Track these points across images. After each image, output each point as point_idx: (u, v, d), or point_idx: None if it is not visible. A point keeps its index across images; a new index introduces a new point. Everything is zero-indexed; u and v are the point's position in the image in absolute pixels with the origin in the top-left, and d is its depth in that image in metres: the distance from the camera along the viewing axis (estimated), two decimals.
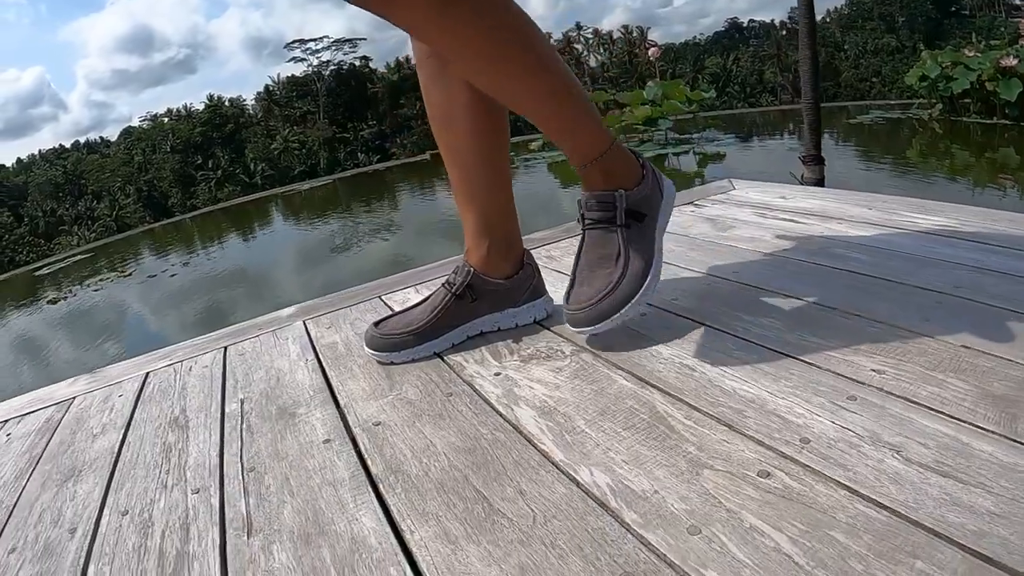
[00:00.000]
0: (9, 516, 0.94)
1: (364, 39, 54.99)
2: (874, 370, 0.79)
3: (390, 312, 1.19)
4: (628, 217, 1.03)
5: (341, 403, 1.01)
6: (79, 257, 17.03)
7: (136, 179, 55.06)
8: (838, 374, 0.79)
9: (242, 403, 1.10)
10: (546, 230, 1.75)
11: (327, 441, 0.91)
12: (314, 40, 55.42)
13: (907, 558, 0.51)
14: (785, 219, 1.51)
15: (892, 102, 12.97)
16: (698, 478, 0.64)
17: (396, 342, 1.12)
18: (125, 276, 10.46)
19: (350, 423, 0.94)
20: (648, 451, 0.70)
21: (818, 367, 0.81)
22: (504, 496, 0.67)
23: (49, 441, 1.15)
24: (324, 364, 1.18)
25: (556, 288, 1.19)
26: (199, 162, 54.50)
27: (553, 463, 0.71)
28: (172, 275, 9.21)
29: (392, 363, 1.11)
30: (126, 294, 8.87)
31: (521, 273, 1.17)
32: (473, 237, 1.15)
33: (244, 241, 12.43)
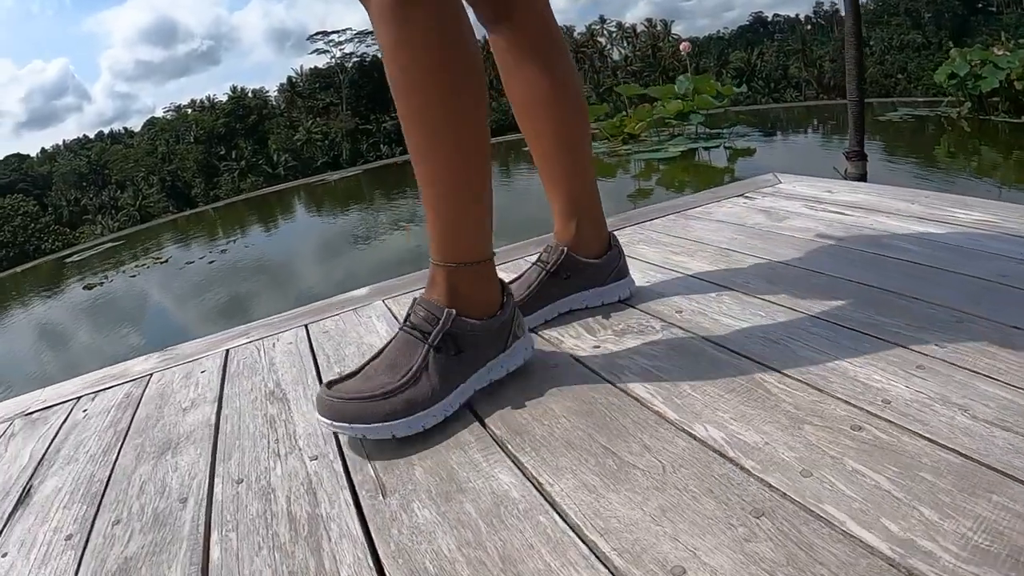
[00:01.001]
0: (105, 489, 0.96)
1: None
2: (936, 345, 0.88)
3: None
4: (445, 339, 0.93)
5: None
6: (108, 245, 17.25)
7: (160, 169, 55.46)
8: (905, 347, 0.89)
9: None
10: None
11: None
12: (337, 32, 55.57)
13: (985, 493, 0.61)
14: (834, 212, 1.60)
15: (919, 99, 12.94)
16: (800, 432, 0.73)
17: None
18: (162, 263, 10.58)
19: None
20: (751, 410, 0.79)
21: (887, 341, 0.91)
22: (631, 451, 0.76)
23: (134, 416, 1.19)
24: None
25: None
26: (222, 153, 54.80)
27: (669, 421, 0.80)
28: (210, 262, 9.31)
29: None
30: (167, 280, 8.94)
31: (609, 253, 1.21)
32: (562, 218, 1.20)
33: (279, 229, 12.50)
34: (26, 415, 1.32)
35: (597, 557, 0.60)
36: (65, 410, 1.30)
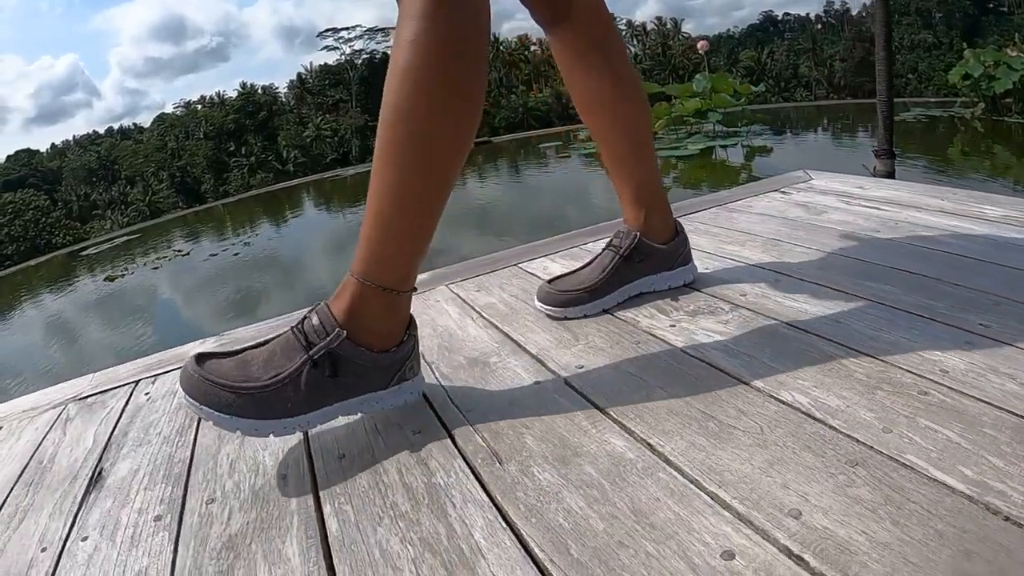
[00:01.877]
0: (189, 469, 0.97)
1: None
2: (980, 324, 0.97)
3: (552, 275, 1.30)
4: (325, 357, 0.90)
5: (532, 352, 1.11)
6: (124, 239, 17.38)
7: (169, 165, 55.63)
8: (953, 326, 0.98)
9: (423, 354, 1.18)
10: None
11: (538, 383, 1.01)
12: (347, 29, 55.61)
13: None
14: (869, 207, 1.68)
15: (931, 100, 12.98)
16: (874, 396, 0.82)
17: (571, 298, 1.22)
18: (184, 255, 10.66)
19: (552, 368, 1.05)
20: (828, 379, 0.88)
21: (937, 321, 1.00)
22: (727, 415, 0.84)
23: None
24: (493, 321, 1.28)
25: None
26: (232, 149, 54.92)
27: (756, 389, 0.89)
28: (235, 254, 9.39)
29: (565, 318, 1.22)
30: (193, 271, 8.99)
31: (676, 239, 1.27)
32: (631, 206, 1.25)
33: (300, 223, 12.54)
34: (80, 399, 1.34)
35: (720, 504, 0.68)
36: (124, 393, 1.32)
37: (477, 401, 0.99)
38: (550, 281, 1.27)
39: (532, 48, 55.24)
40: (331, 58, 55.34)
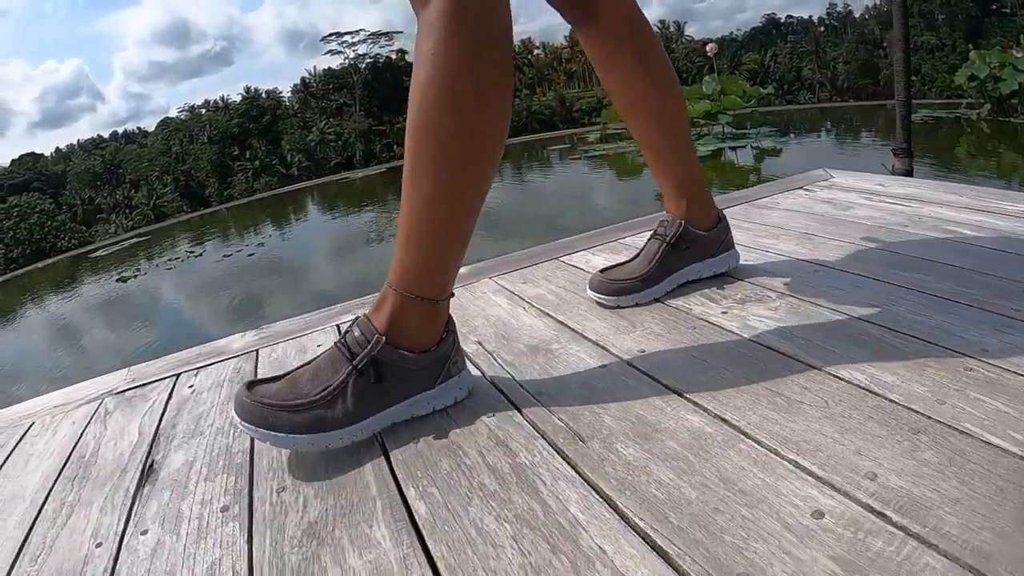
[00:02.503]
0: (251, 459, 0.98)
1: (400, 32, 55.11)
2: (1013, 308, 1.04)
3: (601, 267, 1.34)
4: (369, 365, 0.92)
5: (592, 339, 1.16)
6: (132, 241, 17.48)
7: (173, 169, 55.70)
8: (988, 311, 1.04)
9: (480, 343, 1.22)
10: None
11: (604, 366, 1.05)
12: (350, 33, 55.62)
13: None
14: (892, 202, 1.74)
15: (936, 101, 13.05)
16: (925, 372, 0.89)
17: (624, 287, 1.25)
18: (196, 256, 10.72)
19: (614, 352, 1.09)
20: (879, 357, 0.95)
21: (972, 306, 1.06)
22: (792, 391, 0.90)
23: None
24: (546, 311, 1.32)
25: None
26: (236, 153, 54.98)
27: (815, 368, 0.95)
28: (250, 254, 9.45)
29: (618, 306, 1.26)
30: (209, 271, 9.06)
31: (719, 226, 1.31)
32: (672, 198, 1.29)
33: (311, 224, 12.58)
34: (118, 394, 1.35)
35: (801, 470, 0.74)
36: (165, 387, 1.34)
37: (546, 385, 1.03)
38: (602, 271, 1.31)
39: (535, 52, 55.30)
40: (335, 62, 55.48)
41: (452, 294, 0.98)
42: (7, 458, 1.17)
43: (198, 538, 0.82)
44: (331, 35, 54.09)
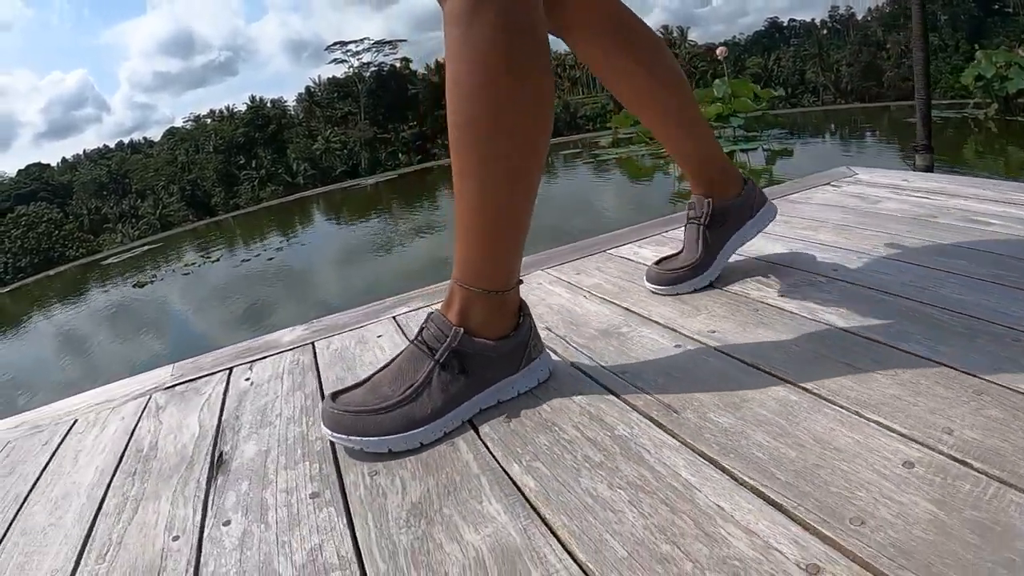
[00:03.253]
0: (333, 447, 0.99)
1: (404, 40, 55.35)
2: None
3: (662, 255, 1.40)
4: (451, 357, 0.94)
5: (660, 322, 1.22)
6: (144, 248, 17.59)
7: (180, 178, 55.83)
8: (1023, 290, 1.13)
9: (550, 329, 1.27)
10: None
11: (678, 346, 1.11)
12: (354, 42, 55.76)
13: None
14: (919, 196, 1.83)
15: (943, 102, 13.11)
16: (977, 343, 0.98)
17: (680, 275, 1.30)
18: (213, 262, 10.78)
19: (686, 333, 1.15)
20: (934, 331, 1.03)
21: (1012, 287, 1.15)
22: (864, 364, 0.96)
23: (320, 377, 1.28)
24: (607, 299, 1.38)
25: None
26: (242, 162, 55.07)
27: (878, 343, 1.02)
28: (269, 259, 9.52)
29: (677, 294, 1.31)
30: (230, 275, 9.16)
31: (746, 186, 1.34)
32: (696, 178, 1.31)
33: (328, 230, 12.59)
34: (167, 389, 1.37)
35: (886, 428, 0.81)
36: (218, 380, 1.36)
37: (627, 364, 1.08)
38: (657, 263, 1.38)
39: None
40: (339, 71, 55.59)
41: (520, 281, 1.00)
42: (53, 455, 1.18)
43: (291, 525, 0.82)
44: (335, 44, 54.27)
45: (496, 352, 0.97)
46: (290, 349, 1.47)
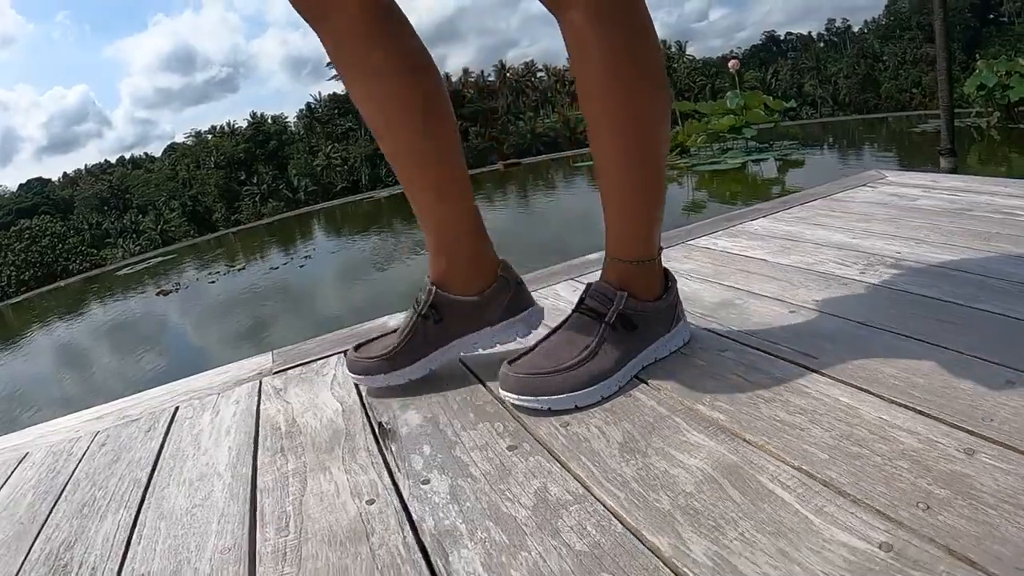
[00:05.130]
0: (504, 406, 1.04)
1: None
2: None
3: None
4: (619, 320, 1.03)
5: (770, 295, 1.32)
6: (157, 260, 17.63)
7: (180, 194, 55.94)
8: None
9: None
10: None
11: (793, 311, 1.21)
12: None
13: None
14: (949, 194, 1.96)
15: None
16: (1016, 330, 1.06)
17: (368, 366, 1.14)
18: (239, 270, 10.86)
19: (795, 302, 1.26)
20: (1008, 299, 1.12)
21: None
22: (956, 318, 1.07)
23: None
24: (709, 279, 1.47)
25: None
26: (243, 178, 55.22)
27: (965, 306, 1.11)
28: (300, 265, 9.61)
29: (369, 388, 1.19)
30: (264, 282, 9.13)
31: (495, 287, 1.14)
32: (430, 249, 1.14)
33: (353, 240, 12.56)
34: (276, 373, 1.43)
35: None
36: (335, 362, 1.42)
37: (752, 327, 1.17)
38: (357, 347, 1.21)
39: (539, 74, 55.65)
40: (340, 87, 55.72)
41: (661, 248, 1.09)
42: (165, 440, 1.22)
43: (501, 476, 0.86)
44: None
45: (654, 311, 1.06)
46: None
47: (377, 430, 1.06)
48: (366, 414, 1.13)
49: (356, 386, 1.25)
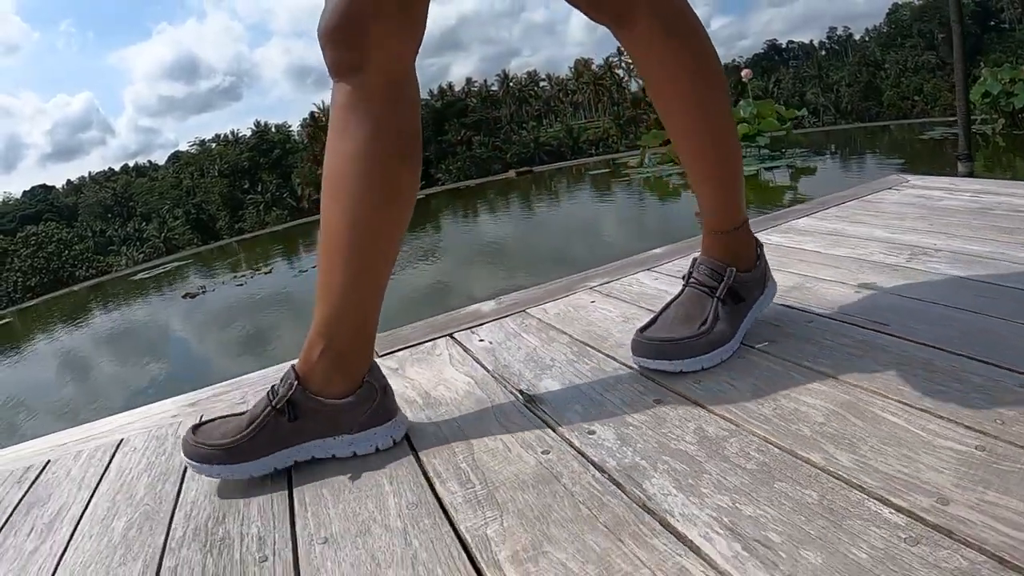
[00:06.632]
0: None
1: None
2: None
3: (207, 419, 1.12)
4: (729, 294, 1.15)
5: (834, 279, 1.46)
6: (174, 264, 17.76)
7: (184, 202, 56.04)
8: None
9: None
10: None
11: (857, 291, 1.36)
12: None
13: None
14: (970, 195, 2.11)
15: (951, 119, 13.50)
16: None
17: (206, 454, 1.02)
18: (266, 273, 11.06)
19: (858, 283, 1.40)
20: (1002, 292, 1.28)
21: None
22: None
23: (567, 333, 1.43)
24: (776, 268, 1.53)
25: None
26: (247, 186, 55.38)
27: (999, 285, 1.29)
28: None
29: (206, 476, 1.05)
30: (300, 284, 9.27)
31: (360, 393, 1.04)
32: (311, 334, 1.03)
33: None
34: (384, 356, 1.49)
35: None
36: (444, 344, 1.51)
37: (831, 303, 1.33)
38: (195, 428, 1.08)
39: (541, 83, 55.88)
40: None
41: (747, 216, 1.21)
42: None
43: (658, 423, 0.98)
44: None
45: (752, 280, 1.19)
46: (505, 316, 1.63)
47: (521, 397, 1.15)
48: (502, 385, 1.22)
49: (479, 362, 1.36)
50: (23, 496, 1.19)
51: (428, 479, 0.96)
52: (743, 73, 9.92)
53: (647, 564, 0.69)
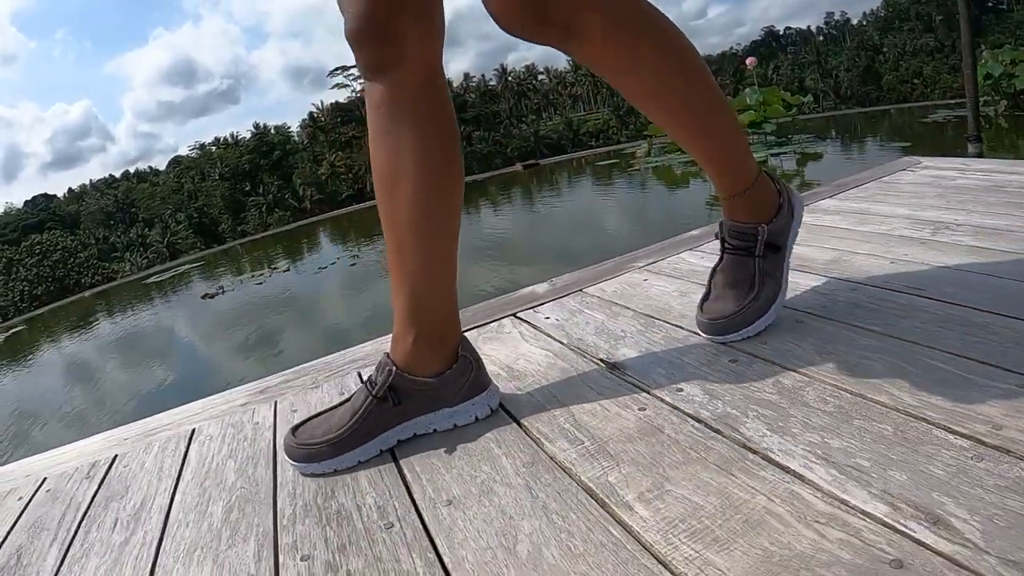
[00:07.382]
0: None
1: None
2: None
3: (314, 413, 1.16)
4: (766, 249, 1.18)
5: (869, 253, 1.56)
6: (185, 267, 17.79)
7: (186, 206, 56.05)
8: None
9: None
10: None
11: (892, 263, 1.45)
12: (356, 66, 56.07)
13: None
14: (983, 175, 2.20)
15: (951, 101, 13.60)
16: None
17: (311, 452, 1.05)
18: (283, 272, 11.12)
19: (892, 258, 1.49)
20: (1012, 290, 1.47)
21: None
22: (983, 284, 1.35)
23: (631, 309, 1.51)
24: (810, 244, 1.68)
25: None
26: (248, 188, 55.36)
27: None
28: (351, 264, 9.83)
29: (313, 474, 1.07)
30: (317, 281, 9.39)
31: (457, 366, 1.09)
32: (399, 325, 1.08)
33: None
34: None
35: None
36: (510, 324, 1.58)
37: (870, 273, 1.42)
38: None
39: (539, 77, 55.86)
40: (342, 96, 55.96)
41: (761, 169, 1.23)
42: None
43: (739, 378, 1.08)
44: (337, 69, 54.51)
45: (785, 223, 1.23)
46: (562, 296, 1.71)
47: (603, 365, 1.24)
48: (581, 355, 1.30)
49: (552, 336, 1.44)
50: (97, 491, 1.22)
51: (535, 440, 1.03)
52: (748, 62, 10.01)
53: (761, 491, 0.81)
